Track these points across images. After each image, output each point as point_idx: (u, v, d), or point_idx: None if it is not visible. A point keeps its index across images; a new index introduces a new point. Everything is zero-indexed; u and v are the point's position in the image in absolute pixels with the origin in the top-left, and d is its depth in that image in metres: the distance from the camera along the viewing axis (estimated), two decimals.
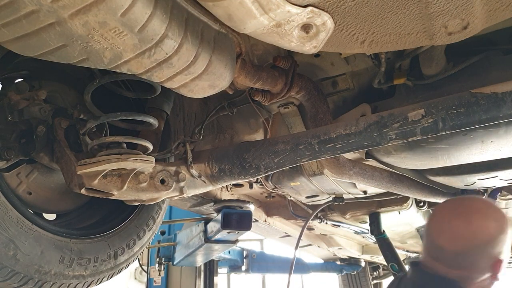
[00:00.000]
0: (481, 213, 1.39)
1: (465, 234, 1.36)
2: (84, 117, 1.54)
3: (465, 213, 1.41)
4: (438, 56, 1.51)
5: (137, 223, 1.82)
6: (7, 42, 0.93)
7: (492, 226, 1.35)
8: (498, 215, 1.39)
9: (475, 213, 1.39)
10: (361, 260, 5.59)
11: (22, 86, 1.48)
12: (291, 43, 1.10)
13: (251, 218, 2.91)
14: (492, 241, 1.33)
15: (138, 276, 7.15)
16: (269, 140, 1.52)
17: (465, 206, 1.45)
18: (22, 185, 1.58)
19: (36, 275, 1.39)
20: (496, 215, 1.39)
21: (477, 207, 1.42)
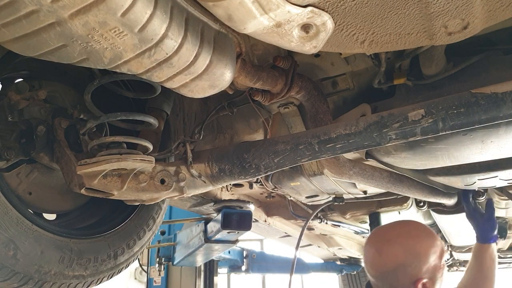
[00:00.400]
0: (391, 242, 1.58)
1: (376, 262, 1.59)
2: (84, 117, 1.54)
3: (379, 242, 1.63)
4: (438, 56, 1.51)
5: (137, 223, 1.82)
6: (7, 42, 0.93)
7: (399, 253, 1.54)
8: (409, 243, 1.56)
9: (386, 243, 1.59)
10: (361, 260, 5.59)
11: (22, 86, 1.48)
12: (291, 43, 1.10)
13: (251, 218, 2.91)
14: (401, 266, 1.52)
15: (138, 276, 7.15)
16: (269, 140, 1.52)
17: (381, 235, 1.69)
18: (22, 185, 1.58)
19: (36, 275, 1.39)
20: (407, 242, 1.56)
21: (390, 236, 1.62)
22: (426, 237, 1.60)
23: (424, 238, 1.59)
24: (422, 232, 1.64)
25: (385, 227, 1.79)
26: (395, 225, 1.74)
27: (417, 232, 1.63)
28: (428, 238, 1.60)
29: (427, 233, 1.63)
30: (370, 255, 1.63)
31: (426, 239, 1.59)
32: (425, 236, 1.61)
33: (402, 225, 1.73)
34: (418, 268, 1.51)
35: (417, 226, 1.70)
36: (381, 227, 1.85)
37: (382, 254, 1.58)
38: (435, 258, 1.55)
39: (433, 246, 1.57)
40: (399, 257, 1.54)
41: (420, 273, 1.51)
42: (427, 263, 1.52)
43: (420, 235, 1.61)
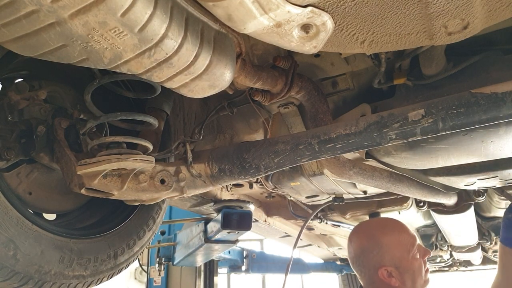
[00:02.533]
0: (358, 233, 1.82)
1: (349, 250, 1.82)
2: (84, 117, 1.54)
3: (351, 233, 1.86)
4: (438, 56, 1.51)
5: (137, 223, 1.82)
6: (7, 42, 0.93)
7: (363, 241, 1.74)
8: (372, 233, 1.75)
9: (355, 233, 1.84)
10: None
11: (22, 86, 1.48)
12: (291, 43, 1.10)
13: (251, 218, 2.91)
14: (364, 252, 1.72)
15: (138, 276, 7.15)
16: (269, 140, 1.52)
17: (354, 228, 1.90)
18: (22, 185, 1.58)
19: (36, 275, 1.39)
20: (371, 233, 1.75)
21: (359, 228, 1.86)
22: (392, 230, 1.74)
23: (390, 230, 1.74)
24: (390, 225, 1.79)
25: (360, 222, 1.98)
26: (368, 220, 1.98)
27: (384, 224, 1.82)
28: (394, 231, 1.73)
29: (394, 226, 1.78)
30: (347, 246, 1.85)
31: (391, 231, 1.73)
32: (391, 228, 1.75)
33: (374, 220, 1.95)
34: (380, 255, 1.67)
35: (387, 220, 1.88)
36: (358, 223, 2.00)
37: (352, 242, 1.81)
38: (400, 249, 1.67)
39: (398, 238, 1.70)
40: (362, 243, 1.74)
41: (383, 261, 1.66)
42: (390, 252, 1.66)
43: (387, 227, 1.77)
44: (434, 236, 4.00)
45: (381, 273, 1.65)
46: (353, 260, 1.78)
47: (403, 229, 1.77)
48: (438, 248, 4.12)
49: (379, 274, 1.65)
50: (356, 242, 1.78)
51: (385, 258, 1.66)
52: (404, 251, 1.68)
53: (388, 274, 1.65)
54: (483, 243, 3.94)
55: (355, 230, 1.87)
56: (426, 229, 3.80)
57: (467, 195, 2.68)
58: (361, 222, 1.96)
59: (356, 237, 1.80)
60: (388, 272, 1.65)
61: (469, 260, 4.71)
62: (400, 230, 1.75)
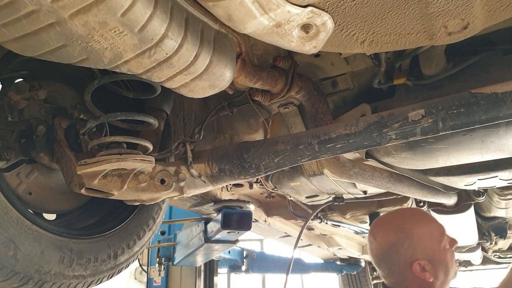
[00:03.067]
0: (383, 227, 1.66)
1: (374, 247, 1.64)
2: (84, 117, 1.54)
3: (374, 228, 1.70)
4: (438, 56, 1.51)
5: (137, 223, 1.82)
6: (7, 42, 0.93)
7: (391, 235, 1.58)
8: (400, 224, 1.59)
9: (380, 227, 1.68)
10: (361, 260, 5.59)
11: (22, 86, 1.48)
12: (291, 43, 1.10)
13: (251, 218, 2.91)
14: (393, 246, 1.55)
15: (138, 276, 7.15)
16: (269, 140, 1.52)
17: (377, 222, 1.74)
18: (22, 185, 1.58)
19: (36, 275, 1.39)
20: (399, 225, 1.60)
21: (383, 221, 1.71)
22: (420, 219, 1.61)
23: (418, 220, 1.60)
24: (416, 214, 1.66)
25: (382, 216, 1.84)
26: (390, 212, 1.80)
27: (410, 214, 1.67)
28: (422, 220, 1.60)
29: (421, 216, 1.65)
30: (369, 243, 1.68)
31: (420, 221, 1.59)
32: (419, 218, 1.62)
33: (397, 211, 1.78)
34: (412, 248, 1.52)
35: (412, 210, 1.76)
36: (379, 217, 1.87)
37: (377, 238, 1.63)
38: (431, 240, 1.54)
39: (428, 228, 1.56)
40: (390, 238, 1.57)
41: (416, 255, 1.52)
42: (422, 244, 1.52)
43: (413, 217, 1.63)
44: None
45: (415, 268, 1.50)
46: (379, 257, 1.61)
47: (430, 218, 1.65)
48: None
49: (413, 269, 1.50)
50: (382, 237, 1.60)
51: (418, 251, 1.51)
52: (436, 241, 1.54)
53: (421, 269, 1.50)
54: (483, 243, 3.94)
55: (378, 224, 1.70)
56: None
57: (467, 195, 2.68)
58: (383, 215, 1.80)
59: (381, 231, 1.63)
60: (421, 266, 1.50)
61: (469, 260, 4.71)
62: (428, 219, 1.63)
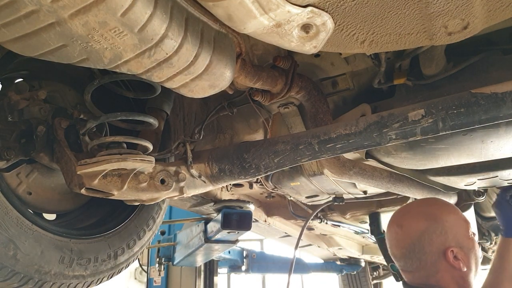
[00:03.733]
0: (409, 214, 1.55)
1: (400, 237, 1.51)
2: (84, 117, 1.54)
3: (398, 217, 1.58)
4: (438, 56, 1.51)
5: (137, 223, 1.82)
6: (7, 42, 0.93)
7: (420, 222, 1.47)
8: (428, 211, 1.51)
9: (406, 215, 1.56)
10: (361, 260, 5.58)
11: (22, 86, 1.48)
12: (291, 43, 1.10)
13: (251, 218, 2.91)
14: (425, 234, 1.44)
15: (138, 276, 7.16)
16: (269, 140, 1.52)
17: (399, 211, 1.63)
18: (22, 185, 1.58)
19: (36, 275, 1.39)
20: (427, 211, 1.51)
21: (408, 209, 1.62)
22: (447, 205, 1.58)
23: (445, 206, 1.57)
24: (441, 202, 1.63)
25: (403, 206, 1.75)
26: (412, 202, 1.77)
27: (435, 202, 1.64)
28: (449, 206, 1.58)
29: (446, 203, 1.64)
30: (392, 234, 1.55)
31: (447, 207, 1.56)
32: (445, 204, 1.59)
33: (420, 200, 1.76)
34: (444, 234, 1.43)
35: (435, 199, 1.74)
36: (400, 207, 1.76)
37: (404, 227, 1.50)
38: (461, 226, 1.46)
39: (456, 214, 1.51)
40: (421, 225, 1.46)
41: (448, 241, 1.42)
42: (453, 230, 1.44)
43: (440, 204, 1.60)
44: None
45: (449, 255, 1.40)
46: (407, 248, 1.47)
47: (454, 206, 1.63)
48: None
49: (447, 257, 1.40)
50: (410, 225, 1.48)
51: (449, 237, 1.42)
52: (464, 228, 1.47)
53: (454, 257, 1.40)
54: (483, 243, 3.93)
55: (403, 213, 1.59)
56: None
57: (467, 195, 2.68)
58: (406, 205, 1.70)
59: (409, 219, 1.51)
60: (454, 255, 1.40)
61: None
62: (453, 207, 1.60)
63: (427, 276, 1.44)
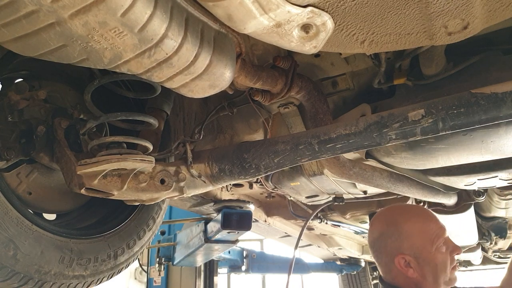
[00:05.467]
0: (378, 217, 1.71)
1: (368, 234, 1.71)
2: (84, 117, 1.54)
3: (373, 217, 1.75)
4: (438, 56, 1.51)
5: (137, 223, 1.82)
6: (7, 42, 0.93)
7: (383, 223, 1.63)
8: (394, 217, 1.62)
9: (376, 216, 1.73)
10: (361, 260, 5.59)
11: (22, 86, 1.48)
12: (291, 43, 1.10)
13: (251, 218, 2.91)
14: (382, 235, 1.60)
15: (138, 276, 7.16)
16: (269, 140, 1.52)
17: (377, 213, 1.78)
18: (22, 185, 1.57)
19: (36, 275, 1.39)
20: (392, 217, 1.63)
21: (381, 212, 1.74)
22: (416, 216, 1.60)
23: (413, 216, 1.60)
24: (414, 211, 1.66)
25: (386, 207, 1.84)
26: (393, 205, 1.84)
27: (407, 210, 1.69)
28: (419, 218, 1.59)
29: (419, 213, 1.64)
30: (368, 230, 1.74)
31: (415, 218, 1.59)
32: (415, 215, 1.61)
33: (399, 205, 1.80)
34: (398, 242, 1.54)
35: (412, 207, 1.76)
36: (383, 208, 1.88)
37: (372, 225, 1.71)
38: (422, 239, 1.53)
39: (422, 226, 1.56)
40: (382, 227, 1.62)
41: (401, 249, 1.53)
42: (409, 240, 1.53)
43: (410, 213, 1.63)
44: None
45: (398, 261, 1.53)
46: (371, 244, 1.68)
47: (429, 217, 1.62)
48: None
49: (395, 262, 1.53)
50: (376, 226, 1.67)
51: (404, 246, 1.53)
52: (427, 241, 1.53)
53: (405, 264, 1.52)
54: (483, 243, 3.94)
55: (377, 214, 1.76)
56: None
57: (467, 195, 2.68)
58: (386, 207, 1.83)
59: (377, 221, 1.70)
60: (405, 262, 1.52)
61: (469, 260, 4.70)
62: (426, 218, 1.61)
63: (384, 272, 1.63)
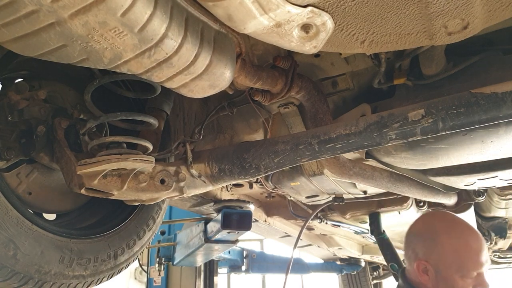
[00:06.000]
0: (426, 218, 1.74)
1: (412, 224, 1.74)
2: (84, 117, 1.54)
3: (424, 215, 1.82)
4: (438, 56, 1.51)
5: (137, 223, 1.82)
6: (7, 42, 0.93)
7: (421, 227, 1.66)
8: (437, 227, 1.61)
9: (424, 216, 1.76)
10: (361, 260, 5.59)
11: (22, 86, 1.48)
12: (291, 43, 1.10)
13: (251, 218, 2.91)
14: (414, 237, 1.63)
15: (138, 276, 7.16)
16: (269, 140, 1.52)
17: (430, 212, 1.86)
18: (22, 185, 1.58)
19: (36, 275, 1.39)
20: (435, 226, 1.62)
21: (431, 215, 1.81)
22: (459, 235, 1.55)
23: (457, 234, 1.55)
24: (462, 231, 1.59)
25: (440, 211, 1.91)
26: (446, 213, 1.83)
27: (455, 226, 1.62)
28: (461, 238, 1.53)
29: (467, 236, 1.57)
30: None
31: (458, 236, 1.54)
32: (460, 234, 1.56)
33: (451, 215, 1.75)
34: (428, 249, 1.52)
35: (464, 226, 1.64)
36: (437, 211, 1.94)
37: (419, 220, 1.74)
38: (452, 258, 1.49)
39: (459, 248, 1.51)
40: (421, 228, 1.64)
41: (427, 256, 1.51)
42: (439, 253, 1.50)
43: (456, 230, 1.58)
44: None
45: (418, 264, 1.54)
46: (407, 234, 1.70)
47: (474, 245, 1.54)
48: None
49: (415, 265, 1.55)
50: (416, 224, 1.70)
51: (431, 255, 1.52)
52: (456, 263, 1.50)
53: (423, 269, 1.52)
54: None
55: (428, 213, 1.81)
56: None
57: (467, 195, 2.68)
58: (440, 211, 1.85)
59: (420, 221, 1.72)
60: (425, 268, 1.52)
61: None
62: (469, 243, 1.54)
63: (407, 263, 1.69)
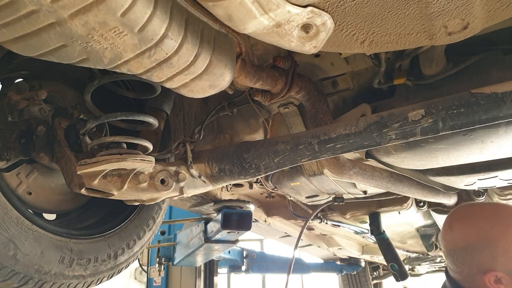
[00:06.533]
0: (465, 219, 1.46)
1: (447, 237, 1.49)
2: (84, 117, 1.54)
3: (453, 217, 1.52)
4: (438, 56, 1.51)
5: (137, 223, 1.82)
6: (7, 42, 0.93)
7: (470, 236, 1.41)
8: (485, 226, 1.40)
9: (459, 219, 1.48)
10: (361, 260, 5.59)
11: (22, 86, 1.48)
12: (291, 43, 1.10)
13: (251, 218, 2.91)
14: (469, 249, 1.38)
15: (138, 276, 7.16)
16: (269, 140, 1.52)
17: (457, 211, 1.54)
18: (22, 185, 1.58)
19: (36, 275, 1.39)
20: (483, 225, 1.41)
21: (465, 213, 1.50)
22: (505, 225, 1.39)
23: (507, 227, 1.39)
24: (508, 219, 1.42)
25: (466, 205, 1.62)
26: (479, 204, 1.62)
27: (501, 216, 1.43)
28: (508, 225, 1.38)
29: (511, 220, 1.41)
30: (443, 231, 1.52)
31: (506, 227, 1.38)
32: (503, 224, 1.39)
33: (487, 205, 1.56)
34: (491, 258, 1.34)
35: (505, 209, 1.47)
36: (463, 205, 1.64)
37: (453, 231, 1.47)
38: None
39: None
40: (469, 238, 1.39)
41: (494, 265, 1.34)
42: (505, 256, 1.34)
43: (505, 219, 1.41)
44: (434, 236, 4.00)
45: (489, 278, 1.34)
46: (450, 251, 1.45)
47: None
48: (438, 248, 4.12)
49: (485, 279, 1.34)
50: (460, 233, 1.43)
51: (498, 262, 1.34)
52: None
53: (496, 280, 1.34)
54: None
55: (461, 215, 1.49)
56: (426, 229, 3.80)
57: (467, 195, 2.68)
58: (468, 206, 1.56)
59: (461, 225, 1.44)
60: (497, 278, 1.33)
61: None
62: None
63: (463, 280, 1.44)
